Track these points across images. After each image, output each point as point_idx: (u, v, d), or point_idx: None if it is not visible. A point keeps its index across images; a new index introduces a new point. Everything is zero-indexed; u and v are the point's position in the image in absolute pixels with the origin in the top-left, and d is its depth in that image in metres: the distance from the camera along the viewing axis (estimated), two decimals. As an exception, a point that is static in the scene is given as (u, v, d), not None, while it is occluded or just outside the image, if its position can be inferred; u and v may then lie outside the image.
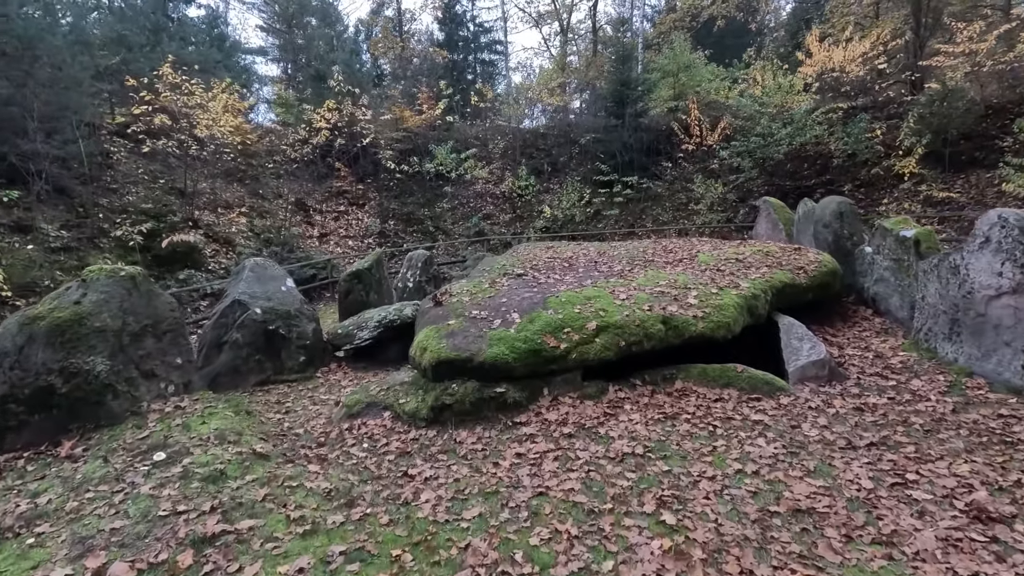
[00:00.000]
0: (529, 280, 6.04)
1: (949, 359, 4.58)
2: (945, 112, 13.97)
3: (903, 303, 5.66)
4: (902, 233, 5.62)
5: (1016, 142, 12.74)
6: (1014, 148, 12.75)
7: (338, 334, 6.45)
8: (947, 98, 14.12)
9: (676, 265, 6.28)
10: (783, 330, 5.17)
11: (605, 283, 5.55)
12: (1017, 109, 14.03)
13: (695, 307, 4.88)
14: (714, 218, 16.62)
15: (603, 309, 4.79)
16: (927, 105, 14.27)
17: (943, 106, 14.04)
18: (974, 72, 14.92)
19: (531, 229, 18.89)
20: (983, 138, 13.96)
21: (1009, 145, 12.95)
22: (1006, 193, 12.37)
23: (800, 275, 5.89)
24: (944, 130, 13.94)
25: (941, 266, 4.63)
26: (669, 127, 19.02)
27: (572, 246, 8.64)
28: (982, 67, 14.81)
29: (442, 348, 4.44)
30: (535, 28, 36.40)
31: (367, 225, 19.59)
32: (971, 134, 14.02)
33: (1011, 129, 13.34)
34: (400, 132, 21.12)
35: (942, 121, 13.97)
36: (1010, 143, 12.98)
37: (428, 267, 10.39)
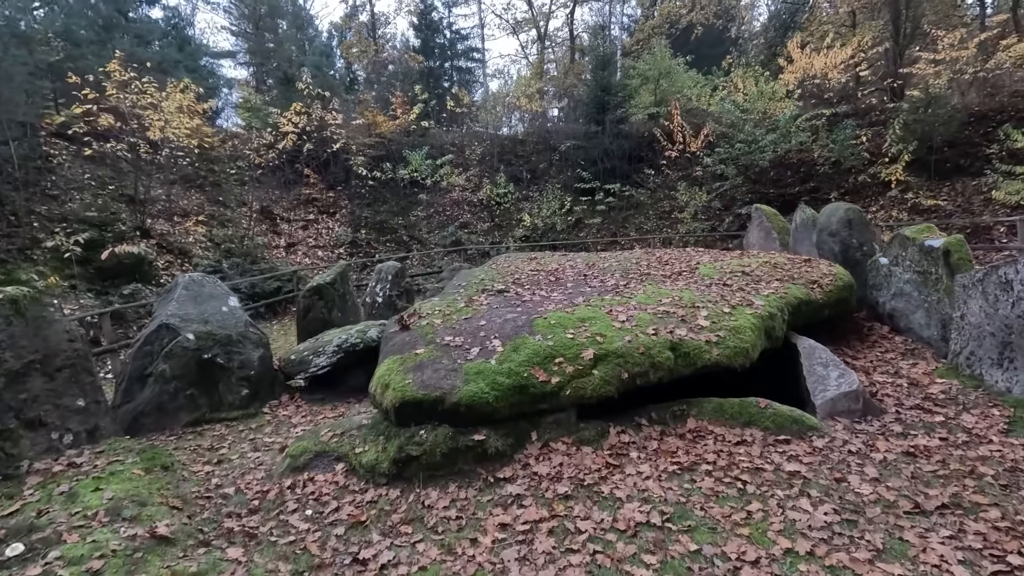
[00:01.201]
0: (512, 297, 5.27)
1: (1000, 388, 3.95)
2: (929, 119, 13.76)
3: (930, 321, 5.06)
4: (928, 243, 5.03)
5: (1002, 149, 12.53)
6: (1000, 155, 12.53)
7: (291, 361, 5.57)
8: (930, 105, 13.92)
9: (676, 279, 5.59)
10: (804, 355, 4.50)
11: (600, 301, 4.81)
12: (998, 116, 13.88)
13: (707, 330, 4.17)
14: (698, 226, 16.15)
15: (600, 333, 4.04)
16: (911, 112, 14.05)
17: (927, 113, 13.83)
18: (955, 79, 14.78)
19: (510, 238, 18.17)
20: (967, 145, 13.77)
21: (995, 152, 12.73)
22: (995, 200, 12.12)
23: (815, 290, 5.25)
24: (929, 137, 13.71)
25: (988, 281, 4.01)
26: (651, 134, 18.58)
27: (557, 257, 7.92)
28: (963, 75, 14.68)
29: (407, 385, 3.63)
30: (512, 35, 36.02)
31: (338, 234, 18.62)
32: (955, 141, 13.82)
33: (995, 136, 13.16)
34: (373, 138, 20.28)
35: (926, 128, 13.75)
36: (996, 150, 12.77)
37: (399, 280, 9.56)
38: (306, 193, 19.25)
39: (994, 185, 12.19)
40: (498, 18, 41.98)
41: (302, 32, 31.72)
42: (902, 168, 13.67)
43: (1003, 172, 11.90)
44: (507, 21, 34.58)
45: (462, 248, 18.01)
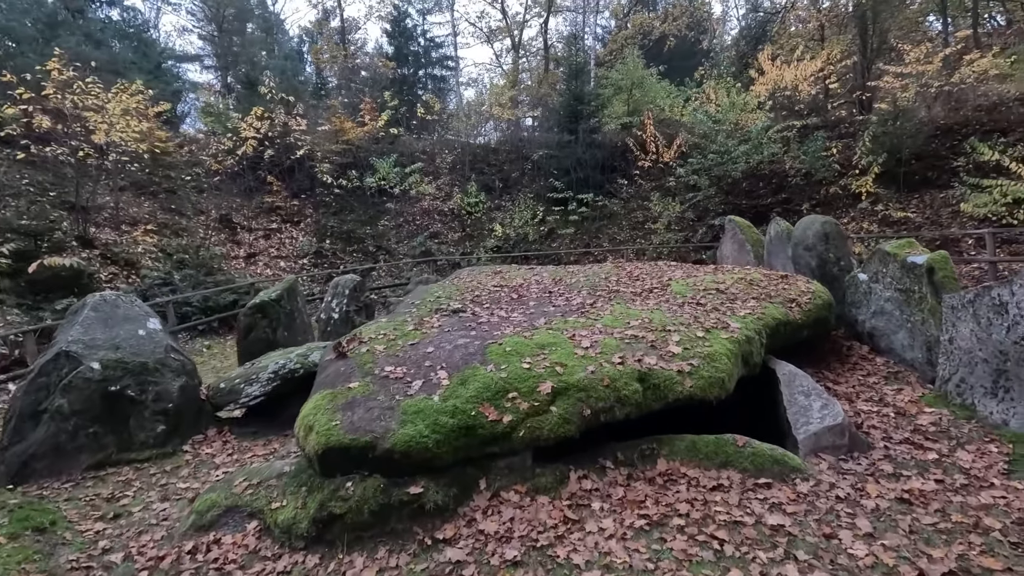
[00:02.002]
0: (467, 319, 4.78)
1: (995, 420, 3.62)
2: (897, 132, 13.81)
3: (914, 342, 4.74)
4: (910, 259, 4.72)
5: (969, 162, 12.59)
6: (967, 168, 12.59)
7: (220, 390, 4.97)
8: (898, 118, 13.98)
9: (647, 297, 5.18)
10: (784, 382, 4.11)
11: (563, 323, 4.36)
12: (964, 130, 14.00)
13: (679, 358, 3.75)
14: (672, 237, 15.93)
15: (561, 363, 3.58)
16: (880, 125, 14.09)
17: (895, 126, 13.88)
18: (922, 93, 14.92)
19: (481, 248, 17.70)
20: (934, 158, 13.85)
21: (962, 165, 12.80)
22: (963, 213, 12.14)
23: (794, 309, 4.89)
24: (897, 150, 13.75)
25: (979, 303, 3.68)
26: (624, 143, 18.39)
27: (523, 271, 7.46)
28: (929, 88, 14.83)
29: (334, 428, 3.10)
30: (486, 44, 35.82)
31: (302, 244, 17.89)
32: (923, 154, 13.89)
33: (961, 149, 13.24)
34: (340, 144, 19.63)
35: (895, 141, 13.78)
36: (963, 163, 12.83)
37: (358, 294, 8.98)
38: (269, 201, 18.47)
39: (962, 198, 12.21)
40: (472, 26, 41.68)
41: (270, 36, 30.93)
42: (872, 180, 13.66)
43: (970, 185, 11.93)
44: (481, 30, 34.35)
45: (432, 259, 17.46)
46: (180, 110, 26.58)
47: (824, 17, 20.88)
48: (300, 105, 18.24)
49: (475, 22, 40.61)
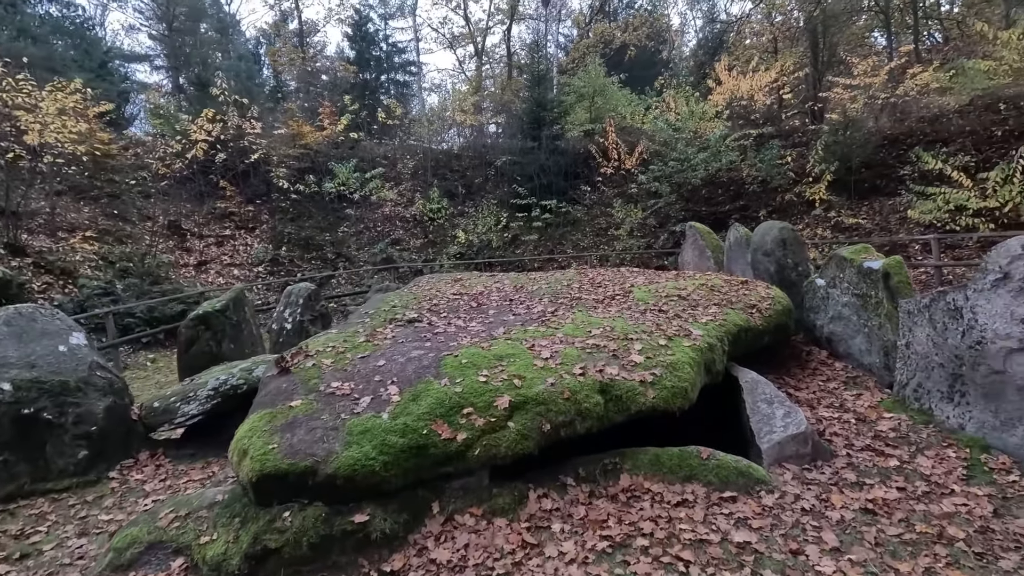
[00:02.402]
0: (423, 329, 4.56)
1: (952, 425, 3.62)
2: (847, 142, 14.28)
3: (871, 347, 4.77)
4: (866, 264, 4.76)
5: (915, 171, 13.12)
6: (912, 176, 13.12)
7: (154, 409, 4.58)
8: (848, 128, 14.49)
9: (609, 304, 5.07)
10: (746, 390, 4.05)
11: (522, 333, 4.19)
12: (909, 140, 14.58)
13: (641, 367, 3.62)
14: (635, 244, 16.04)
15: (519, 375, 3.41)
16: (831, 134, 14.56)
17: (845, 136, 14.36)
18: (870, 104, 15.51)
19: (444, 255, 17.43)
20: (882, 167, 14.37)
21: (908, 173, 13.32)
22: (910, 219, 12.61)
23: (755, 315, 4.86)
24: (848, 159, 14.21)
25: (935, 308, 3.70)
26: (587, 150, 18.48)
27: (484, 278, 7.28)
28: (876, 100, 15.44)
29: (271, 452, 2.83)
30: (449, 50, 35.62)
31: (257, 251, 17.22)
32: (871, 163, 14.39)
33: (907, 158, 13.80)
34: (298, 149, 19.05)
35: (845, 150, 14.25)
36: (909, 171, 13.37)
37: (313, 302, 8.61)
38: (222, 207, 17.73)
39: (908, 205, 12.69)
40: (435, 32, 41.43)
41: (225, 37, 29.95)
42: (825, 188, 14.08)
43: (916, 192, 12.41)
44: (444, 36, 34.11)
45: (393, 266, 17.08)
46: (128, 112, 25.37)
47: (777, 31, 21.59)
48: (255, 108, 17.61)
49: (438, 28, 40.31)
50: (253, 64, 23.02)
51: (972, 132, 13.16)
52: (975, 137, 12.97)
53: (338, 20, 26.40)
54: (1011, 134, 12.36)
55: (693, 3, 31.78)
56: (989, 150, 12.45)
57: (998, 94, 13.81)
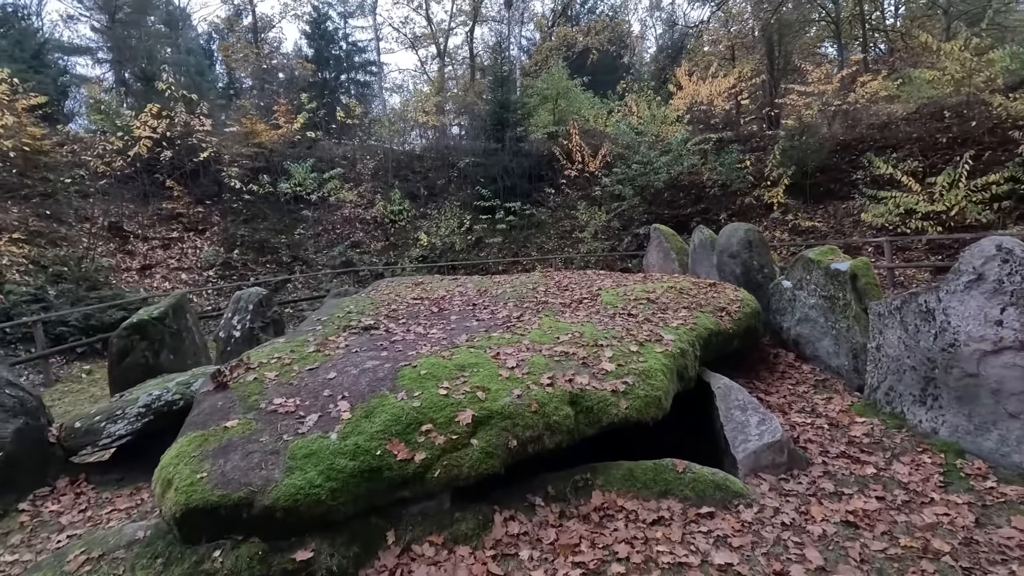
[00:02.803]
0: (379, 337, 4.24)
1: (925, 429, 3.56)
2: (803, 147, 14.63)
3: (839, 349, 4.72)
4: (833, 266, 4.71)
5: (867, 175, 13.54)
6: (865, 180, 13.53)
7: (75, 430, 4.10)
8: (804, 133, 14.86)
9: (577, 309, 4.87)
10: (719, 396, 3.90)
11: (486, 340, 3.93)
12: (860, 145, 15.06)
13: (612, 376, 3.42)
14: (599, 246, 16.01)
15: (483, 387, 3.15)
16: (788, 139, 14.90)
17: (801, 141, 14.71)
18: (823, 111, 15.98)
19: (406, 258, 16.99)
20: (836, 171, 14.79)
21: (860, 178, 13.74)
22: (863, 222, 12.99)
23: (724, 319, 4.75)
24: (803, 163, 14.55)
25: (906, 310, 3.64)
26: (551, 152, 18.40)
27: (447, 282, 6.98)
28: (829, 107, 15.91)
29: (199, 482, 2.48)
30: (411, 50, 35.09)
31: (207, 255, 16.37)
32: (826, 167, 14.79)
33: (859, 163, 14.25)
34: (252, 148, 18.25)
35: (801, 155, 14.59)
36: (861, 176, 13.79)
37: (264, 308, 8.12)
38: (169, 207, 16.78)
39: (861, 208, 13.07)
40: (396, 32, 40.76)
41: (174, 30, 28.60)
42: (782, 191, 14.37)
43: (868, 196, 12.79)
44: (406, 36, 33.59)
45: (353, 269, 16.52)
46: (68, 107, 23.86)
47: (734, 39, 22.10)
48: (204, 104, 16.75)
49: (399, 28, 39.67)
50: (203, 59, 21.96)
51: (919, 139, 13.67)
52: (922, 143, 13.48)
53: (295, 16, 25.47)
54: (955, 141, 12.89)
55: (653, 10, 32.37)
56: (935, 156, 12.95)
57: (942, 103, 14.41)
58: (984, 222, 11.06)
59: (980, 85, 13.54)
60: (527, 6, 31.34)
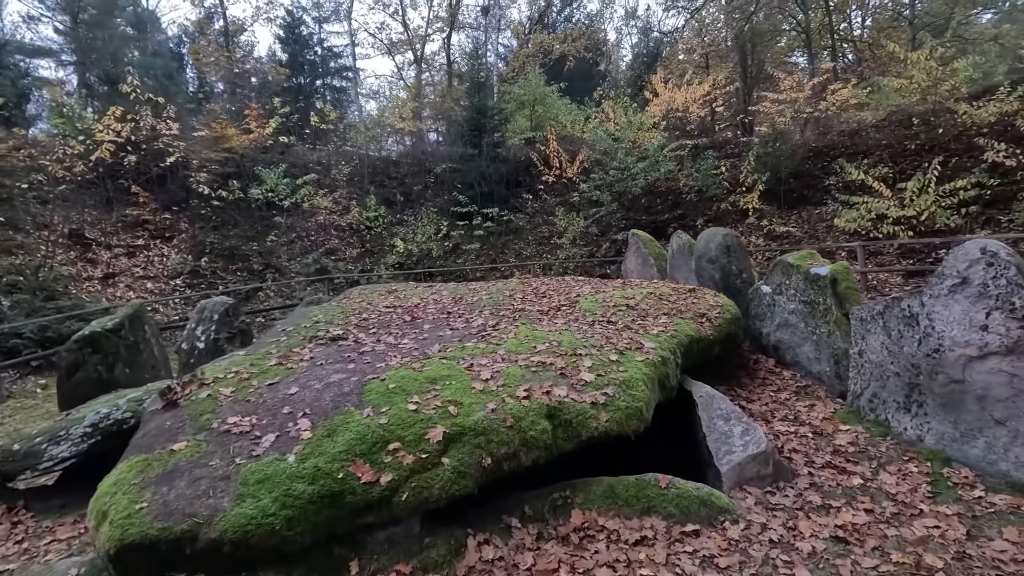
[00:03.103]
0: (348, 347, 4.02)
1: (910, 436, 3.48)
2: (777, 153, 14.81)
3: (820, 355, 4.65)
4: (813, 270, 4.65)
5: (839, 181, 13.75)
6: (837, 186, 13.74)
7: (13, 453, 3.78)
8: (777, 140, 15.04)
9: (555, 316, 4.71)
10: (701, 405, 3.78)
11: (460, 350, 3.74)
12: (832, 152, 15.31)
13: (592, 387, 3.26)
14: (577, 252, 15.94)
15: (455, 401, 2.96)
16: (762, 146, 15.08)
17: (775, 147, 14.89)
18: (796, 118, 16.23)
19: (382, 265, 16.68)
20: (809, 177, 14.99)
21: (833, 184, 13.95)
22: (836, 227, 13.17)
23: (705, 325, 4.64)
24: (777, 169, 14.72)
25: (889, 315, 3.57)
26: (528, 158, 18.31)
27: (421, 289, 6.78)
28: (802, 114, 16.18)
29: (137, 514, 2.24)
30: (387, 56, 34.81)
31: (175, 263, 15.82)
32: (799, 173, 14.98)
33: (831, 169, 14.47)
34: (222, 153, 17.75)
35: (775, 161, 14.76)
36: (834, 182, 14.00)
37: (231, 318, 7.79)
38: (134, 214, 16.20)
39: (834, 213, 13.25)
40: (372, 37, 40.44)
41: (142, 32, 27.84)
42: (757, 197, 14.50)
43: (841, 202, 12.97)
44: (382, 41, 33.28)
45: (328, 277, 16.15)
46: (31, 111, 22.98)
47: (708, 47, 22.41)
48: (171, 107, 16.23)
49: (375, 33, 39.27)
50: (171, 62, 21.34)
51: (888, 145, 13.95)
52: (891, 150, 13.75)
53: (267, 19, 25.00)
54: (923, 148, 13.17)
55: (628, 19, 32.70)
56: (904, 162, 13.21)
57: (909, 111, 14.75)
58: (952, 227, 11.29)
59: (945, 93, 13.90)
60: (504, 13, 31.39)
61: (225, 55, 22.77)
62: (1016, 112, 11.69)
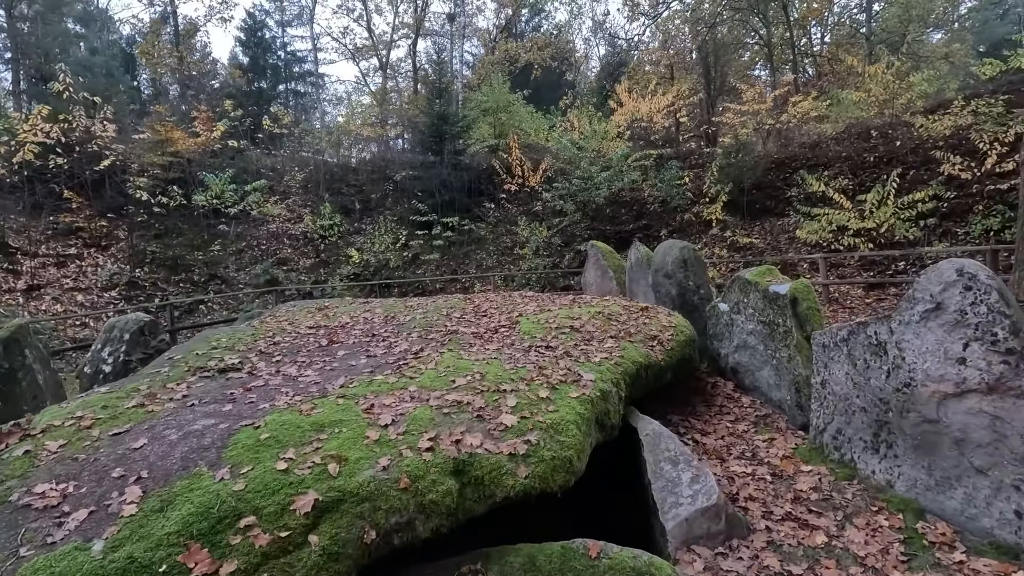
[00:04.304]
0: (235, 382, 3.40)
1: (879, 481, 3.06)
2: (739, 164, 14.69)
3: (780, 381, 4.24)
4: (772, 288, 4.25)
5: (801, 192, 13.69)
6: (799, 198, 13.68)
7: None
8: (740, 151, 14.94)
9: (489, 340, 4.18)
10: (647, 446, 3.29)
11: (365, 386, 3.17)
12: (794, 163, 15.30)
13: (512, 433, 2.73)
14: (540, 263, 15.50)
15: (339, 456, 2.39)
16: (725, 157, 14.95)
17: (737, 158, 14.78)
18: (758, 129, 16.21)
19: (337, 276, 15.92)
20: (771, 188, 14.93)
21: (795, 195, 13.89)
22: (798, 238, 13.07)
23: (656, 349, 4.18)
24: (740, 180, 14.60)
25: (854, 341, 3.15)
26: (491, 166, 17.86)
27: (356, 306, 6.17)
28: (764, 125, 16.17)
29: None
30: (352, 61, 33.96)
31: (111, 273, 14.75)
32: (761, 184, 14.91)
33: (793, 180, 14.44)
34: (167, 157, 16.76)
35: (738, 172, 14.63)
36: (795, 193, 13.94)
37: (146, 338, 7.02)
38: (66, 220, 15.08)
39: (796, 225, 13.15)
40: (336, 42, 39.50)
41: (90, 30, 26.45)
42: (721, 208, 14.34)
43: (803, 213, 12.87)
44: (346, 47, 32.43)
45: (278, 288, 15.29)
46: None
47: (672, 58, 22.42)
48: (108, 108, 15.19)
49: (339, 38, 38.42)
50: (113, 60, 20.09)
51: (848, 157, 13.96)
52: (851, 162, 13.76)
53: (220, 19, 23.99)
54: (882, 160, 13.20)
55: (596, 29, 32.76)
56: (864, 174, 13.22)
57: (868, 124, 14.85)
58: (911, 239, 11.25)
59: (902, 107, 14.02)
60: (470, 21, 31.10)
61: (175, 55, 21.69)
62: (970, 126, 11.77)
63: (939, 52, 19.82)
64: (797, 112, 15.78)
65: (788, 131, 16.63)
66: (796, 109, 15.72)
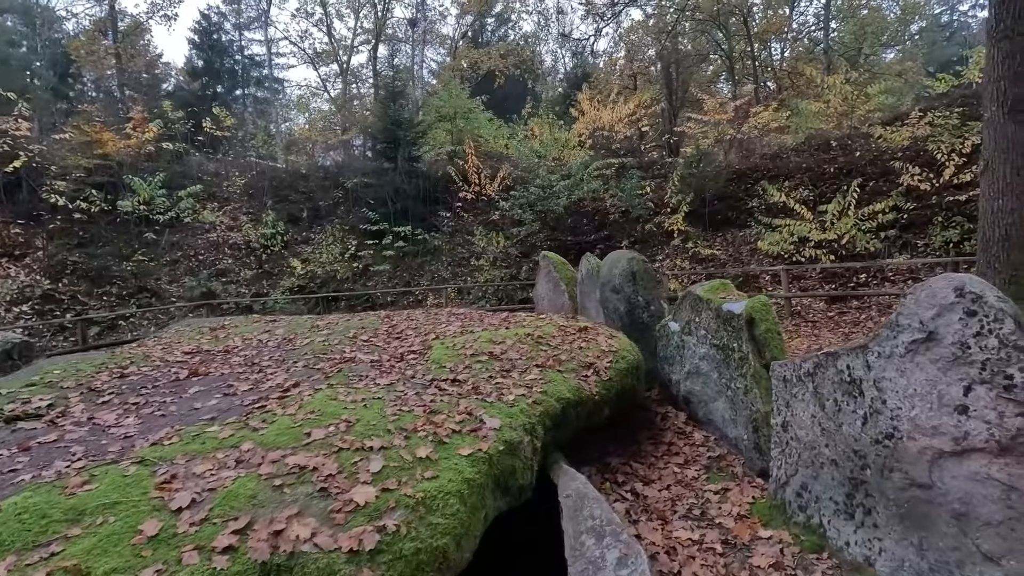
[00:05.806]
0: (18, 437, 2.54)
1: (854, 557, 2.39)
2: (701, 174, 14.33)
3: (737, 416, 3.58)
4: (726, 307, 3.61)
5: (762, 203, 13.38)
6: (760, 208, 13.36)
7: None
8: (701, 161, 14.60)
9: (388, 371, 3.40)
10: (567, 513, 2.57)
11: (186, 442, 2.36)
12: (755, 174, 15.03)
13: (364, 514, 1.96)
14: (497, 275, 14.79)
15: (77, 569, 1.58)
16: (687, 167, 14.59)
17: (699, 168, 14.42)
18: (720, 140, 15.95)
19: (279, 288, 14.86)
20: (733, 199, 14.60)
21: (756, 206, 13.57)
22: (760, 250, 12.71)
23: (590, 381, 3.47)
24: (702, 190, 14.23)
25: (821, 376, 2.50)
26: (447, 174, 17.12)
27: (259, 326, 5.31)
28: (725, 136, 15.91)
29: None
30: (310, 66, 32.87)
31: (23, 285, 13.38)
32: (723, 195, 14.57)
33: (754, 191, 14.14)
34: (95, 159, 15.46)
35: (699, 182, 14.26)
36: (757, 204, 13.63)
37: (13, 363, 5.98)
38: (-26, 228, 13.67)
39: (758, 236, 12.79)
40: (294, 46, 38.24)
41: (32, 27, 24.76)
42: (683, 218, 13.92)
43: (764, 224, 12.53)
44: (305, 51, 31.36)
45: (214, 301, 14.15)
46: None
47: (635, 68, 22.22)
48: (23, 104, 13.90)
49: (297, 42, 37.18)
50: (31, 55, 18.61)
51: (808, 168, 13.73)
52: (811, 173, 13.53)
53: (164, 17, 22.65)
54: (841, 171, 12.98)
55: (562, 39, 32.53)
56: (824, 185, 12.98)
57: (828, 135, 14.71)
58: (872, 250, 10.97)
59: (860, 118, 13.91)
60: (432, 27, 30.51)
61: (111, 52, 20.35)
62: (927, 137, 11.63)
63: (894, 69, 20.13)
64: (758, 123, 15.59)
65: (749, 142, 16.42)
66: (757, 120, 15.53)
